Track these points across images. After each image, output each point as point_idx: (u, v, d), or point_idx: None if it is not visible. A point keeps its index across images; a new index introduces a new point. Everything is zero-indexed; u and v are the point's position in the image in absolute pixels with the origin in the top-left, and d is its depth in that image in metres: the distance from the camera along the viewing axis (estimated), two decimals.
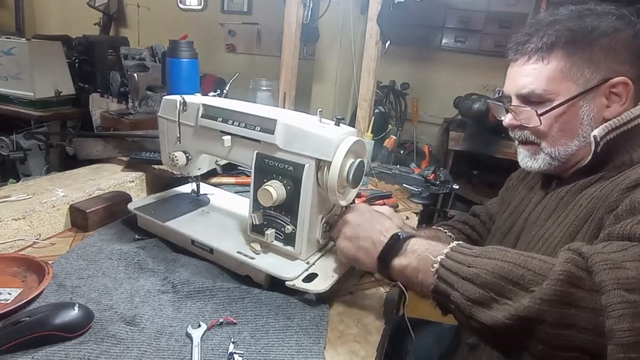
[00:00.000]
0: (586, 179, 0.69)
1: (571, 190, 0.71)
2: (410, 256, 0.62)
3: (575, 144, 0.70)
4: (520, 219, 0.81)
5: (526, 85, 0.71)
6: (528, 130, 0.73)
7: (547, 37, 0.68)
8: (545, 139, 0.72)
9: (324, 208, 0.79)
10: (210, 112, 0.82)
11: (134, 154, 1.18)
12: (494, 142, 2.36)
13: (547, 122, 0.70)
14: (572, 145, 0.70)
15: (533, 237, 0.72)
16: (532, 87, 0.70)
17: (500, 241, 0.83)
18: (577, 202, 0.68)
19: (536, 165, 0.74)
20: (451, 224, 1.02)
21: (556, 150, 0.71)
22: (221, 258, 0.82)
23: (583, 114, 0.68)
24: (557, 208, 0.72)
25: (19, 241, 0.85)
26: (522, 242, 0.76)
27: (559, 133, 0.70)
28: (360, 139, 0.75)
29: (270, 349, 0.62)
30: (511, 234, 0.81)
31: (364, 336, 0.69)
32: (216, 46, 3.37)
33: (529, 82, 0.70)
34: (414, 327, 0.89)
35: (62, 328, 0.59)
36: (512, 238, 0.80)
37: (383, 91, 2.77)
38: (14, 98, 2.23)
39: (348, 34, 2.04)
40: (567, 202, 0.70)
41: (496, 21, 2.66)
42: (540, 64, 0.69)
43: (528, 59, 0.70)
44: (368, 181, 1.44)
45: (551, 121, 0.70)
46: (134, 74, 1.56)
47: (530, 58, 0.70)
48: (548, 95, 0.69)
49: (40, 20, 4.04)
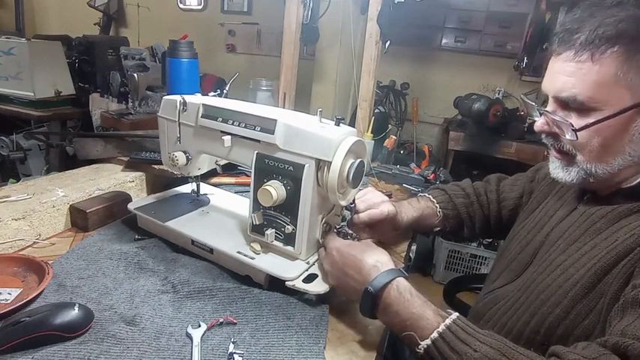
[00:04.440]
0: (628, 205, 0.58)
1: (607, 216, 0.60)
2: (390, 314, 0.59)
3: (618, 162, 0.58)
4: (541, 233, 0.72)
5: (567, 87, 0.58)
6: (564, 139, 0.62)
7: (605, 27, 0.54)
8: (582, 152, 0.60)
9: (324, 208, 0.79)
10: (210, 112, 0.82)
11: (134, 154, 1.18)
12: (495, 142, 2.36)
13: (586, 135, 0.58)
14: (615, 164, 0.58)
15: (552, 262, 0.64)
16: (574, 91, 0.57)
17: (519, 253, 0.75)
18: (613, 234, 0.57)
19: (568, 178, 0.63)
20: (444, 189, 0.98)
21: (594, 167, 0.60)
22: (221, 258, 0.82)
23: (635, 129, 0.56)
24: (586, 232, 0.61)
25: (19, 241, 0.85)
26: (538, 263, 0.68)
27: (600, 148, 0.58)
28: (360, 139, 0.75)
29: (270, 349, 0.62)
30: (529, 248, 0.73)
31: (364, 336, 0.69)
32: (216, 46, 3.37)
33: (571, 85, 0.57)
34: None
35: (62, 328, 0.59)
36: (528, 254, 0.72)
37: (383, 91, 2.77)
38: (14, 98, 2.23)
39: (348, 34, 2.04)
40: (600, 229, 0.60)
41: (496, 21, 2.66)
42: (589, 63, 0.55)
43: (575, 55, 0.56)
44: (368, 181, 1.44)
45: (591, 135, 0.58)
46: (134, 74, 1.56)
47: (577, 53, 0.56)
48: (593, 104, 0.56)
49: (40, 20, 4.04)
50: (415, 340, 0.55)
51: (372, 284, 0.61)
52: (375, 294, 0.60)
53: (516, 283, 0.73)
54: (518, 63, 2.53)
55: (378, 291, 0.60)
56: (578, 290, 0.58)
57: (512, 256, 0.78)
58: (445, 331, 0.54)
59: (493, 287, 0.78)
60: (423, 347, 0.54)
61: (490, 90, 2.79)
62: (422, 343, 0.54)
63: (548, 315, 0.61)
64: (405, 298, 0.59)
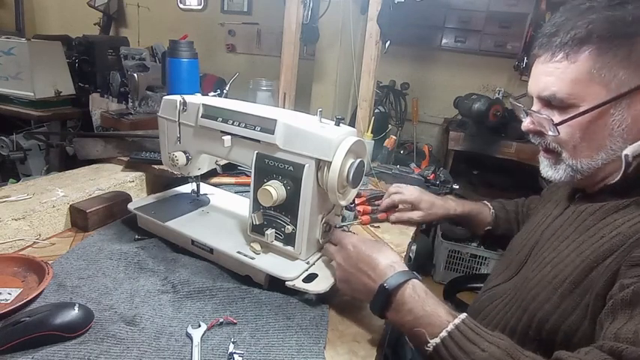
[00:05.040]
0: (614, 202, 0.61)
1: (596, 213, 0.62)
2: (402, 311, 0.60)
3: (601, 157, 0.61)
4: (537, 233, 0.75)
5: (547, 86, 0.62)
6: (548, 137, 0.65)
7: (576, 29, 0.58)
8: (566, 148, 0.63)
9: (324, 208, 0.79)
10: (210, 112, 0.82)
11: (134, 154, 1.18)
12: (495, 142, 2.36)
13: (568, 131, 0.61)
14: (598, 159, 0.61)
15: (544, 259, 0.66)
16: (554, 89, 0.61)
17: (517, 253, 0.78)
18: (600, 230, 0.59)
19: (557, 175, 0.67)
20: (503, 203, 1.04)
21: (578, 162, 0.63)
22: (221, 258, 0.82)
23: (613, 124, 0.59)
24: (576, 230, 0.64)
25: (19, 241, 0.85)
26: (532, 261, 0.71)
27: (582, 144, 0.61)
28: (360, 139, 0.75)
29: (270, 349, 0.62)
30: (525, 248, 0.76)
31: (364, 336, 0.69)
32: (216, 46, 3.37)
33: (551, 84, 0.61)
34: None
35: (62, 328, 0.59)
36: (525, 253, 0.75)
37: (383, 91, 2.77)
38: (14, 98, 2.23)
39: (348, 34, 2.04)
40: (587, 226, 0.62)
41: (496, 21, 2.66)
42: (565, 62, 0.59)
43: (552, 56, 0.61)
44: (368, 181, 1.44)
45: (573, 130, 0.61)
46: (134, 74, 1.56)
47: (554, 54, 0.61)
48: (571, 100, 0.60)
49: (40, 20, 4.04)
50: (425, 338, 0.56)
51: (388, 282, 0.62)
52: (390, 291, 0.61)
53: (512, 282, 0.75)
54: (518, 63, 2.54)
55: (393, 289, 0.61)
56: (567, 286, 0.60)
57: (511, 256, 0.80)
58: (454, 331, 0.54)
59: (491, 285, 0.81)
60: (432, 345, 0.55)
61: (490, 90, 2.79)
62: (431, 341, 0.55)
63: (538, 310, 0.63)
64: (420, 297, 0.60)
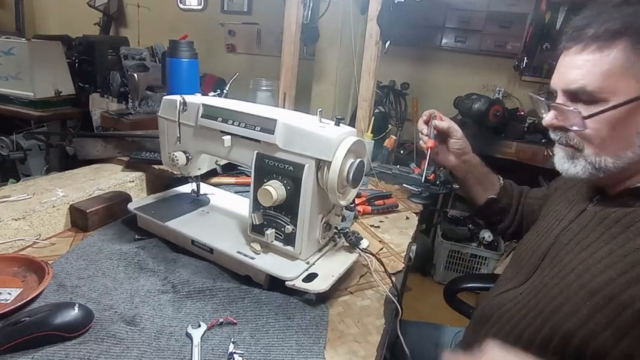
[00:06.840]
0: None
1: (622, 220, 0.58)
2: None
3: (628, 156, 0.58)
4: (550, 236, 0.71)
5: (576, 79, 0.59)
6: (572, 132, 0.61)
7: (612, 21, 0.56)
8: (590, 145, 0.60)
9: (324, 208, 0.79)
10: (210, 112, 0.82)
11: (134, 154, 1.18)
12: (495, 142, 2.36)
13: (595, 126, 0.58)
14: (625, 157, 0.58)
15: (565, 266, 0.62)
16: (583, 82, 0.58)
17: (529, 257, 0.74)
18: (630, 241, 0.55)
19: (573, 170, 0.62)
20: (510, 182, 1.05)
21: (602, 160, 0.59)
22: (221, 258, 0.82)
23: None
24: (600, 237, 0.59)
25: (19, 241, 0.85)
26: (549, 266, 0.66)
27: (609, 140, 0.58)
28: (360, 139, 0.75)
29: (270, 349, 0.62)
30: (537, 251, 0.72)
31: (364, 336, 0.69)
32: (216, 46, 3.36)
33: (580, 76, 0.58)
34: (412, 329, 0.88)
35: (62, 328, 0.59)
36: (537, 257, 0.71)
37: (383, 91, 2.77)
38: (14, 98, 2.23)
39: (348, 34, 2.04)
40: (615, 234, 0.58)
41: (496, 21, 2.65)
42: (598, 54, 0.56)
43: (584, 48, 0.58)
44: (368, 181, 1.44)
45: (600, 126, 0.58)
46: (134, 74, 1.56)
47: (586, 46, 0.58)
48: (602, 94, 0.57)
49: (40, 20, 4.04)
50: None
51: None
52: None
53: (525, 286, 0.71)
54: (518, 63, 2.53)
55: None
56: (599, 299, 0.55)
57: (522, 260, 0.76)
58: None
59: (501, 290, 0.76)
60: None
61: (490, 90, 2.78)
62: None
63: (564, 323, 0.58)
64: None
